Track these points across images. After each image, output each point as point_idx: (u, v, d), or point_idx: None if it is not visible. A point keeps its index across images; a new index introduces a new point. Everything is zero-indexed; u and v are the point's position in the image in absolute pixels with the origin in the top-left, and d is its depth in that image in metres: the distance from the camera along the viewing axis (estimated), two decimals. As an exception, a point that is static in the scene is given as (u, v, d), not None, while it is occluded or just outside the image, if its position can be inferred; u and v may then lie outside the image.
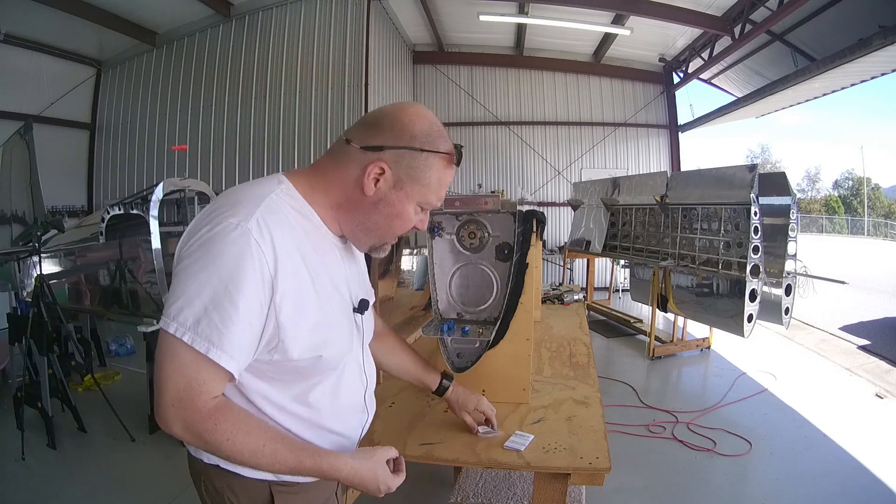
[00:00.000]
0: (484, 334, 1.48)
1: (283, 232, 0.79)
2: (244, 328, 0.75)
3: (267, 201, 0.80)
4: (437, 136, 0.88)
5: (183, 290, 0.74)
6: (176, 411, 0.75)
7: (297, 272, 0.80)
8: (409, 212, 0.90)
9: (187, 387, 0.74)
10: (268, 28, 6.76)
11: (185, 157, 7.06)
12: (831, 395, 4.01)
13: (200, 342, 0.73)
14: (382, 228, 0.91)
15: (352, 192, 0.88)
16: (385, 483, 0.93)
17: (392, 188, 0.87)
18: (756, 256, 3.68)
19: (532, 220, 1.63)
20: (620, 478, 2.57)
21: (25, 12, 6.04)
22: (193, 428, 0.75)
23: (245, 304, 0.74)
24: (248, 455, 0.78)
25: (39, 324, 2.99)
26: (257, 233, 0.76)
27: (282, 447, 0.81)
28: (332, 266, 0.91)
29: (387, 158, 0.85)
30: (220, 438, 0.76)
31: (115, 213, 3.48)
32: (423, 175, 0.87)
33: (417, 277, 3.07)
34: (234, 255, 0.74)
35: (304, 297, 0.82)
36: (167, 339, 0.75)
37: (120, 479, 2.74)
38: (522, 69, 9.27)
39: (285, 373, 0.85)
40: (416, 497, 2.56)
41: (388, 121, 0.87)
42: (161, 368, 0.75)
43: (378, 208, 0.88)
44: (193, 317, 0.73)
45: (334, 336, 0.88)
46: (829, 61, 5.65)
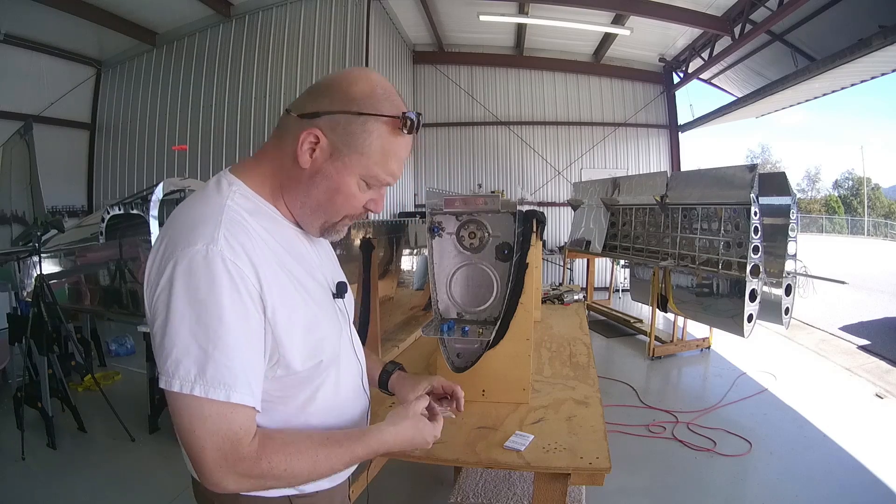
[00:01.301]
0: (484, 334, 1.48)
1: (253, 241, 0.73)
2: (250, 356, 0.71)
3: (226, 213, 0.73)
4: (382, 99, 0.78)
5: (173, 341, 0.67)
6: (225, 471, 0.69)
7: (277, 279, 0.75)
8: (349, 185, 0.80)
9: (225, 441, 0.68)
10: (268, 28, 6.75)
11: (185, 157, 7.06)
12: (831, 395, 4.01)
13: (215, 390, 0.67)
14: (325, 206, 0.81)
15: (291, 168, 0.79)
16: (431, 434, 0.91)
17: (329, 158, 0.78)
18: (756, 256, 3.68)
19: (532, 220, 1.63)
20: (620, 478, 2.57)
21: (25, 12, 6.04)
22: (249, 476, 0.71)
23: (242, 331, 0.70)
24: (307, 472, 0.75)
25: (39, 324, 2.99)
26: (229, 251, 0.69)
27: (332, 448, 0.78)
28: (305, 258, 0.85)
29: (322, 125, 0.76)
30: (278, 472, 0.72)
31: (115, 213, 3.48)
32: (361, 143, 0.77)
33: (417, 277, 3.07)
34: (215, 283, 0.68)
35: (291, 304, 0.77)
36: (178, 400, 0.68)
37: (120, 479, 2.74)
38: (522, 69, 9.27)
39: (289, 387, 0.80)
40: (416, 497, 2.56)
41: (326, 84, 0.80)
42: (189, 434, 0.68)
43: (315, 182, 0.79)
44: (196, 366, 0.67)
45: (326, 333, 0.84)
46: (829, 61, 5.65)
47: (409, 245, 2.91)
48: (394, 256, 2.70)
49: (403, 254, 2.85)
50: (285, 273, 0.77)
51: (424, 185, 9.24)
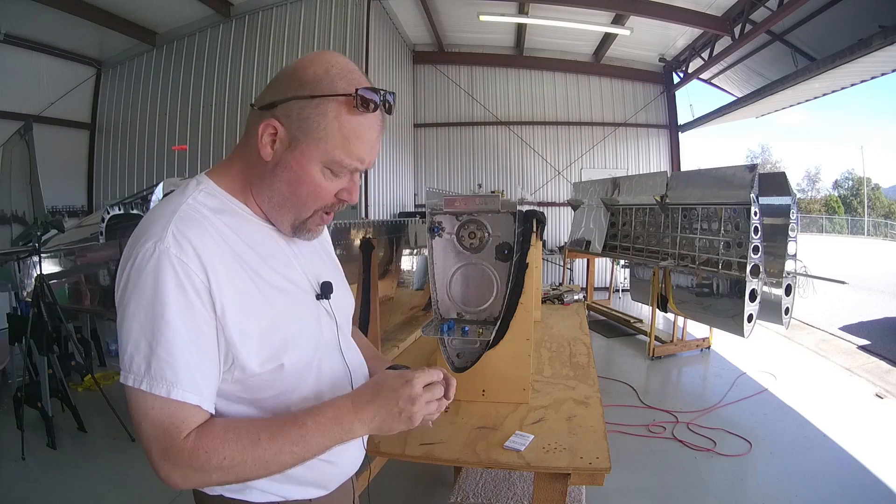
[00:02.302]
0: (484, 334, 1.48)
1: (206, 238, 0.71)
2: (197, 352, 0.69)
3: (180, 211, 0.72)
4: (336, 79, 0.73)
5: (127, 337, 0.68)
6: (168, 464, 0.68)
7: (232, 278, 0.72)
8: (312, 175, 0.75)
9: (166, 435, 0.68)
10: (268, 28, 6.75)
11: (185, 157, 7.06)
12: (831, 395, 4.00)
13: (158, 385, 0.67)
14: (290, 200, 0.78)
15: (256, 163, 0.77)
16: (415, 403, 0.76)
17: (288, 148, 0.74)
18: (756, 256, 3.68)
19: (532, 220, 1.64)
20: (620, 478, 2.57)
21: (25, 12, 6.04)
22: (191, 470, 0.68)
23: (189, 327, 0.68)
24: (251, 460, 0.70)
25: (39, 324, 2.99)
26: (175, 248, 0.68)
27: (278, 427, 0.72)
28: (277, 257, 0.81)
29: (279, 114, 0.74)
30: (217, 462, 0.69)
31: (115, 213, 3.49)
32: (317, 127, 0.73)
33: (417, 277, 3.08)
34: (159, 281, 0.67)
35: (249, 303, 0.74)
36: (129, 392, 0.68)
37: (120, 479, 2.74)
38: (522, 69, 9.27)
39: (255, 390, 0.77)
40: (416, 497, 2.56)
41: (282, 73, 0.77)
42: (138, 426, 0.69)
43: (277, 174, 0.76)
44: (145, 361, 0.67)
45: (294, 336, 0.79)
46: (829, 61, 5.65)
47: (409, 245, 2.91)
48: (394, 256, 2.70)
49: (403, 254, 2.85)
50: (245, 271, 0.75)
51: (424, 185, 9.24)
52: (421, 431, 1.36)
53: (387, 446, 1.29)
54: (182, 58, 7.27)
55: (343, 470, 0.90)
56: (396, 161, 8.14)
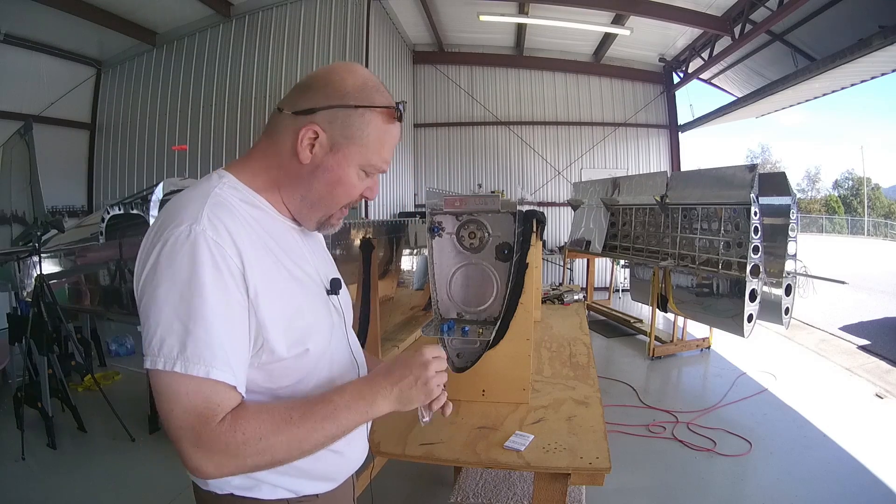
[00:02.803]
0: (484, 334, 1.48)
1: (239, 224, 0.74)
2: (232, 333, 0.70)
3: (212, 196, 0.74)
4: (373, 91, 0.81)
5: (157, 320, 0.67)
6: (202, 451, 0.67)
7: (262, 263, 0.75)
8: (350, 176, 0.82)
9: (200, 420, 0.67)
10: (268, 28, 6.76)
11: (185, 157, 7.06)
12: (831, 395, 4.01)
13: (195, 366, 0.66)
14: (326, 199, 0.84)
15: (289, 164, 0.81)
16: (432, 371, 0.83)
17: (329, 152, 0.80)
18: (756, 256, 3.68)
19: (532, 220, 1.64)
20: (620, 478, 2.57)
21: (25, 12, 6.04)
22: (226, 454, 0.68)
23: (225, 308, 0.69)
24: (286, 439, 0.71)
25: (39, 324, 2.99)
26: (212, 231, 0.70)
27: (308, 406, 0.74)
28: (294, 251, 0.85)
29: (319, 120, 0.79)
30: (254, 444, 0.69)
31: (115, 213, 3.49)
32: (359, 134, 0.80)
33: (417, 277, 3.08)
34: (197, 261, 0.68)
35: (276, 288, 0.76)
36: (159, 378, 0.67)
37: (120, 479, 2.74)
38: (522, 69, 9.27)
39: (277, 376, 0.79)
40: (416, 497, 2.56)
41: (318, 81, 0.81)
42: (168, 414, 0.67)
43: (316, 176, 0.81)
44: (179, 343, 0.66)
45: (315, 325, 0.83)
46: (829, 61, 5.65)
47: (409, 245, 2.91)
48: (394, 256, 2.70)
49: (403, 254, 2.85)
50: (271, 259, 0.77)
51: (424, 185, 9.24)
52: (421, 431, 1.36)
53: (387, 446, 1.29)
54: (182, 58, 7.27)
55: (350, 463, 0.93)
56: (396, 161, 8.13)
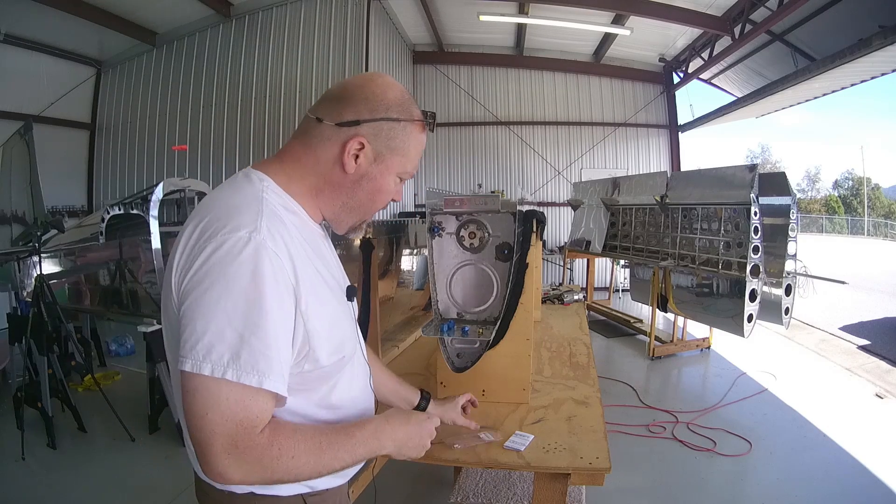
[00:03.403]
0: (484, 334, 1.47)
1: (289, 236, 0.76)
2: (285, 346, 0.72)
3: (265, 205, 0.75)
4: (410, 104, 0.86)
5: (206, 324, 0.67)
6: (233, 458, 0.68)
7: (308, 275, 0.77)
8: (389, 184, 0.88)
9: (240, 428, 0.68)
10: (268, 28, 6.76)
11: (185, 157, 7.06)
12: (831, 395, 4.00)
13: (248, 375, 0.67)
14: (365, 205, 0.88)
15: (331, 173, 0.84)
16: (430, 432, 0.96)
17: (373, 162, 0.84)
18: (756, 256, 3.68)
19: (532, 220, 1.63)
20: (620, 478, 2.57)
21: (25, 12, 6.04)
22: (258, 465, 0.69)
23: (280, 320, 0.71)
24: (314, 462, 0.75)
25: (39, 324, 2.99)
26: (272, 242, 0.71)
27: (333, 434, 0.79)
28: (326, 258, 0.89)
29: (365, 132, 0.82)
30: (286, 461, 0.71)
31: (115, 213, 3.49)
32: (402, 145, 0.85)
33: (417, 277, 3.08)
34: (258, 272, 0.68)
35: (320, 299, 0.79)
36: (200, 382, 0.67)
37: (120, 479, 2.74)
38: (522, 69, 9.27)
39: (311, 381, 0.82)
40: (416, 497, 2.56)
41: (360, 93, 0.83)
42: (201, 419, 0.67)
43: (361, 185, 0.85)
44: (230, 351, 0.67)
45: (346, 332, 0.87)
46: (829, 61, 5.65)
47: (409, 245, 2.91)
48: (394, 256, 2.70)
49: (403, 254, 2.85)
50: (312, 268, 0.80)
51: (424, 185, 9.23)
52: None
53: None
54: (182, 58, 7.27)
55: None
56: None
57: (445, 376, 1.54)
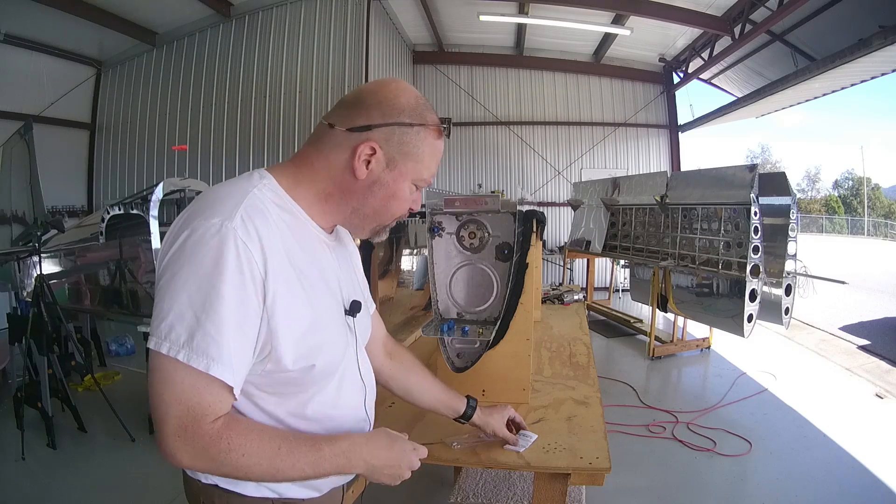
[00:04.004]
0: (484, 334, 1.47)
1: (269, 229, 0.74)
2: (240, 336, 0.70)
3: (249, 197, 0.75)
4: (424, 109, 0.84)
5: (171, 305, 0.68)
6: (182, 441, 0.68)
7: (284, 272, 0.75)
8: (404, 191, 0.85)
9: (189, 412, 0.68)
10: (268, 28, 6.75)
11: (185, 157, 7.06)
12: (831, 395, 4.01)
13: (198, 358, 0.67)
14: (380, 212, 0.86)
15: (342, 179, 0.83)
16: (410, 460, 0.93)
17: (385, 168, 0.82)
18: (756, 256, 3.68)
19: (532, 220, 1.63)
20: (620, 478, 2.56)
21: (25, 12, 6.04)
22: (205, 454, 0.69)
23: (239, 309, 0.69)
24: (266, 464, 0.73)
25: (39, 324, 2.99)
26: (243, 232, 0.70)
27: (298, 443, 0.76)
28: (323, 264, 0.86)
29: (376, 137, 0.80)
30: (235, 457, 0.70)
31: (115, 213, 3.49)
32: (415, 151, 0.83)
33: (417, 277, 3.08)
34: (222, 258, 0.68)
35: (294, 300, 0.76)
36: (159, 361, 0.68)
37: (120, 479, 2.75)
38: (522, 69, 9.27)
39: (280, 385, 0.79)
40: (416, 497, 2.56)
41: (372, 98, 0.82)
42: (157, 397, 0.68)
43: (373, 191, 0.83)
44: (187, 332, 0.67)
45: (327, 341, 0.83)
46: (829, 61, 5.65)
47: (409, 245, 2.91)
48: (394, 256, 2.70)
49: (403, 254, 2.85)
50: (294, 269, 0.77)
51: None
52: (422, 430, 1.36)
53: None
54: (182, 58, 7.27)
55: (337, 477, 0.92)
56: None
57: (445, 376, 1.54)
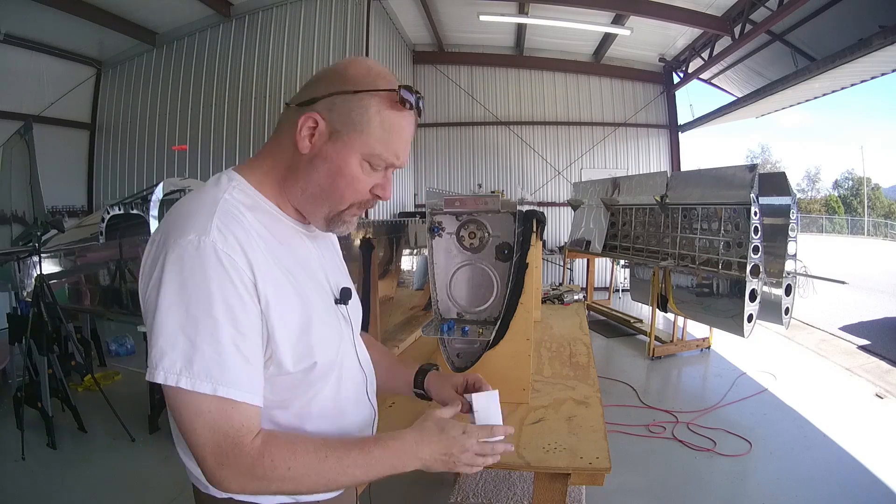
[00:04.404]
0: (484, 334, 1.48)
1: (248, 233, 0.72)
2: (244, 349, 0.68)
3: (221, 206, 0.71)
4: (377, 77, 0.76)
5: (160, 331, 0.66)
6: (227, 469, 0.67)
7: (272, 274, 0.73)
8: (351, 166, 0.77)
9: (225, 438, 0.66)
10: (268, 28, 6.76)
11: (185, 157, 7.06)
12: (831, 395, 4.01)
13: (202, 383, 0.65)
14: (327, 191, 0.78)
15: (290, 157, 0.78)
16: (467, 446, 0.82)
17: (328, 140, 0.76)
18: (756, 256, 3.68)
19: (532, 220, 1.63)
20: (620, 478, 2.57)
21: (25, 12, 6.04)
22: (251, 475, 0.68)
23: (238, 322, 0.67)
24: (314, 476, 0.71)
25: (39, 324, 2.99)
26: (222, 242, 0.67)
27: (345, 449, 0.74)
28: (305, 258, 0.83)
29: (319, 108, 0.75)
30: (281, 472, 0.68)
31: (115, 213, 3.49)
32: (359, 119, 0.75)
33: (417, 277, 3.08)
34: (207, 276, 0.66)
35: (286, 300, 0.74)
36: (174, 395, 0.66)
37: (120, 479, 2.75)
38: (522, 69, 9.27)
39: (283, 390, 0.77)
40: (416, 497, 2.56)
41: (323, 72, 0.79)
42: (190, 432, 0.67)
43: (315, 166, 0.77)
44: (183, 357, 0.65)
45: (324, 337, 0.80)
46: (829, 61, 5.65)
47: (409, 245, 2.91)
48: (394, 256, 2.70)
49: (403, 254, 2.85)
50: (281, 269, 0.75)
51: (424, 185, 9.24)
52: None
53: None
54: (182, 58, 7.27)
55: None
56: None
57: (445, 376, 1.54)
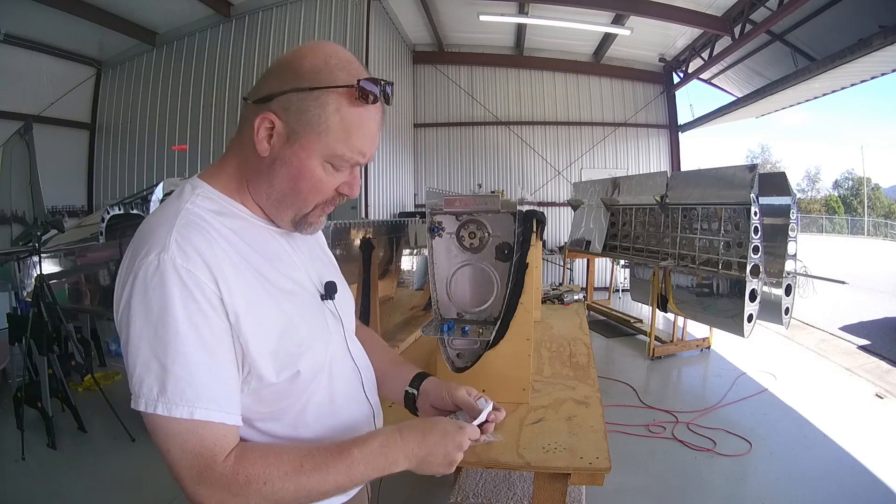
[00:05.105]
0: (484, 334, 1.47)
1: (211, 244, 0.68)
2: (215, 367, 0.66)
3: (181, 217, 0.69)
4: (335, 69, 0.71)
5: (136, 358, 0.64)
6: (204, 489, 0.65)
7: (242, 282, 0.69)
8: (312, 170, 0.72)
9: (198, 459, 0.65)
10: (268, 28, 6.75)
11: (185, 157, 7.06)
12: (831, 395, 4.00)
13: (178, 408, 0.63)
14: (290, 196, 0.74)
15: (251, 159, 0.74)
16: (459, 440, 0.79)
17: (286, 143, 0.71)
18: (756, 256, 3.68)
19: (532, 220, 1.63)
20: (620, 478, 2.57)
21: (25, 12, 6.04)
22: (228, 494, 0.65)
23: (202, 341, 0.65)
24: (293, 487, 0.67)
25: (39, 324, 2.99)
26: (181, 257, 0.65)
27: (321, 454, 0.70)
28: (281, 258, 0.79)
29: (275, 108, 0.70)
30: (257, 487, 0.66)
31: (115, 213, 3.49)
32: (317, 120, 0.70)
33: (417, 277, 3.08)
34: (167, 295, 0.64)
35: (260, 308, 0.71)
36: (148, 420, 0.65)
37: (120, 479, 2.75)
38: (522, 69, 9.27)
39: (272, 401, 0.74)
40: (416, 497, 2.56)
41: (277, 63, 0.74)
42: (165, 454, 0.66)
43: (275, 170, 0.73)
44: (158, 383, 0.63)
45: (306, 341, 0.76)
46: (829, 61, 5.65)
47: (409, 245, 2.91)
48: (394, 256, 2.70)
49: (403, 254, 2.85)
50: (253, 275, 0.72)
51: (424, 185, 9.24)
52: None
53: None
54: (182, 58, 7.26)
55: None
56: (396, 161, 8.13)
57: (445, 377, 1.54)
